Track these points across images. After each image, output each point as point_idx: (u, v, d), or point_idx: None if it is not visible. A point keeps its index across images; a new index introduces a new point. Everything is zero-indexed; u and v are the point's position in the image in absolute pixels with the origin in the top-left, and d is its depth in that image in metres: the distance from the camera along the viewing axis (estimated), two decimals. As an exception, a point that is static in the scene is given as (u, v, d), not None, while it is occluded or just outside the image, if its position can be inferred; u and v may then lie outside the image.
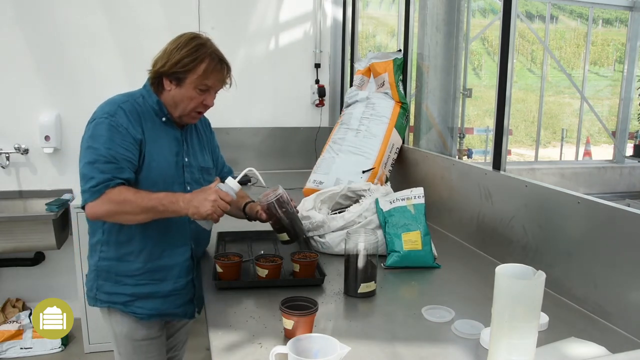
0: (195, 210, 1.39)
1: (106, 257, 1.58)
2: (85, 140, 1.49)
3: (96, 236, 1.59)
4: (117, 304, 1.60)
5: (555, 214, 1.52)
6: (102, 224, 1.56)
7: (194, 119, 1.63)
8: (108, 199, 1.41)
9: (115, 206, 1.42)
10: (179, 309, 1.67)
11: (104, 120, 1.47)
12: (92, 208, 1.43)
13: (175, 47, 1.52)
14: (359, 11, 3.44)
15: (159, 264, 1.59)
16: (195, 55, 1.50)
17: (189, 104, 1.55)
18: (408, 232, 1.67)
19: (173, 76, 1.52)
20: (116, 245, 1.56)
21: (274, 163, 3.48)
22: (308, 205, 1.86)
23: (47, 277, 3.30)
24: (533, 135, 10.06)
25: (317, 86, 3.53)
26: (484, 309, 1.11)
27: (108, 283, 1.59)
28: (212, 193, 1.40)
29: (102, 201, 1.42)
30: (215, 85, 1.56)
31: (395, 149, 2.50)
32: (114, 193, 1.41)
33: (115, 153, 1.44)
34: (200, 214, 1.39)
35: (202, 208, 1.38)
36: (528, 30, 8.04)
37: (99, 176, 1.42)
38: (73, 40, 3.14)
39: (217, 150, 1.84)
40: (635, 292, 1.24)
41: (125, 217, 1.44)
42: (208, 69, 1.52)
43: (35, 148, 3.16)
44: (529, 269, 0.98)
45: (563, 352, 1.12)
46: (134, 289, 1.59)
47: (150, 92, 1.58)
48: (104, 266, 1.58)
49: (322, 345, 1.05)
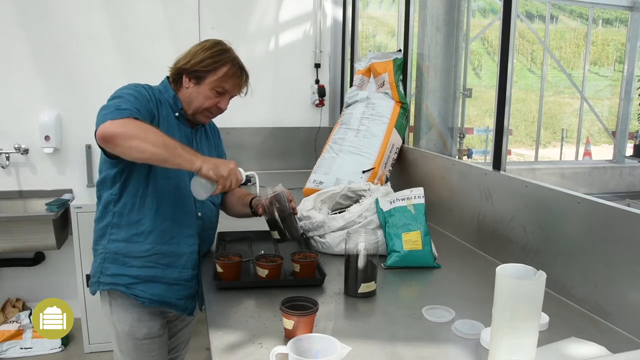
0: (212, 166, 1.40)
1: (116, 239, 1.58)
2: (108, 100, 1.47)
3: (105, 219, 1.60)
4: (119, 286, 1.59)
5: (555, 214, 1.52)
6: (113, 206, 1.57)
7: (206, 119, 1.68)
8: (130, 122, 1.36)
9: (136, 129, 1.34)
10: (180, 300, 1.66)
11: (128, 85, 1.53)
12: (114, 123, 1.33)
13: (200, 49, 1.59)
14: (359, 11, 3.44)
15: (167, 248, 1.60)
16: (218, 58, 1.57)
17: (203, 102, 1.60)
18: (408, 232, 1.67)
19: (193, 74, 1.58)
20: (127, 226, 1.57)
21: (274, 163, 3.48)
22: (308, 205, 1.86)
23: (47, 277, 3.30)
24: (533, 135, 10.06)
25: (317, 86, 3.53)
26: (484, 309, 1.12)
27: (114, 265, 1.59)
28: (232, 163, 1.45)
29: (123, 122, 1.35)
30: (232, 90, 1.62)
31: (395, 149, 2.50)
32: (137, 121, 1.38)
33: (139, 107, 1.46)
34: (217, 173, 1.40)
35: (220, 169, 1.41)
36: (528, 30, 8.04)
37: (126, 104, 1.41)
38: (73, 40, 3.14)
39: (224, 154, 1.87)
40: (635, 292, 1.24)
41: (141, 143, 1.34)
42: (228, 73, 1.59)
43: (35, 148, 3.16)
44: (529, 269, 0.98)
45: (563, 352, 1.12)
46: (139, 271, 1.59)
47: (168, 87, 1.63)
48: (112, 248, 1.59)
49: (323, 345, 1.05)
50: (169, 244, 1.60)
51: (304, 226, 1.81)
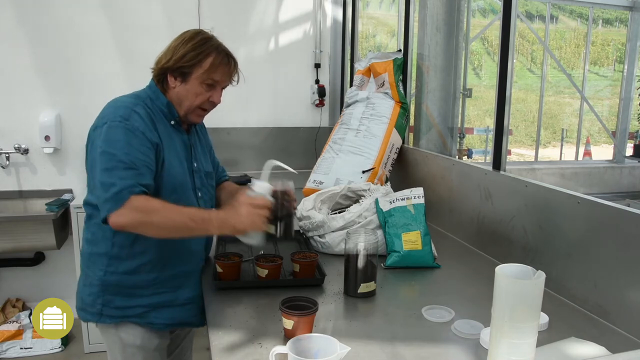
0: (233, 229, 1.31)
1: (115, 272, 1.46)
2: (99, 146, 1.35)
3: (101, 247, 1.46)
4: (131, 317, 1.48)
5: (555, 214, 1.52)
6: (112, 235, 1.43)
7: (200, 117, 1.56)
8: (134, 207, 1.29)
9: (142, 215, 1.29)
10: (195, 317, 1.59)
11: (119, 124, 1.36)
12: (118, 217, 1.28)
13: (180, 42, 1.47)
14: (359, 11, 3.44)
15: (175, 270, 1.51)
16: (201, 49, 1.45)
17: (194, 100, 1.49)
18: (408, 232, 1.67)
19: (178, 71, 1.46)
20: (129, 258, 1.45)
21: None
22: (308, 205, 1.86)
23: (47, 277, 3.30)
24: (533, 135, 10.07)
25: (317, 86, 3.53)
26: (484, 309, 1.11)
27: (118, 297, 1.47)
28: (243, 205, 1.31)
29: (127, 209, 1.28)
30: (223, 80, 1.50)
31: (395, 149, 2.50)
32: (139, 201, 1.30)
33: (135, 158, 1.34)
34: (239, 230, 1.32)
35: (239, 224, 1.30)
36: (528, 30, 8.04)
37: (121, 182, 1.30)
38: (73, 40, 3.14)
39: (212, 150, 1.78)
40: (635, 292, 1.24)
41: (151, 229, 1.32)
42: (215, 63, 1.46)
43: (35, 148, 3.16)
44: (528, 269, 0.98)
45: (563, 352, 1.12)
46: (150, 300, 1.48)
47: (158, 93, 1.50)
48: (112, 280, 1.46)
49: (322, 345, 1.05)
50: (177, 265, 1.51)
51: (303, 226, 1.81)
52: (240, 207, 1.32)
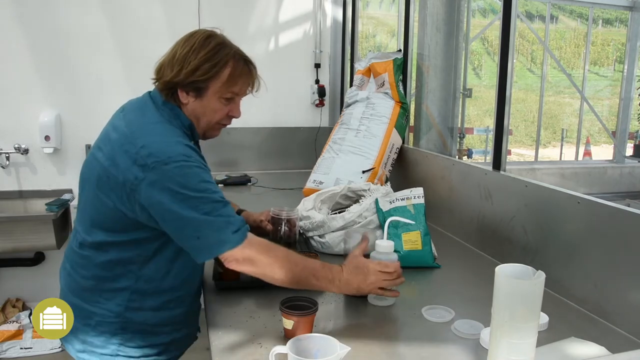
0: (356, 292, 1.28)
1: (140, 308, 1.28)
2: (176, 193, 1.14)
3: (121, 282, 1.27)
4: (150, 356, 1.34)
5: (555, 214, 1.52)
6: (139, 268, 1.26)
7: (218, 131, 1.39)
8: (252, 243, 1.20)
9: (262, 251, 1.21)
10: None
11: (185, 163, 1.17)
12: (243, 251, 1.18)
13: (189, 51, 1.25)
14: (359, 11, 3.44)
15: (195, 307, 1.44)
16: (216, 59, 1.25)
17: (213, 117, 1.31)
18: (408, 232, 1.67)
19: (191, 86, 1.26)
20: (157, 294, 1.30)
21: (274, 163, 3.47)
22: (308, 205, 1.86)
23: (47, 277, 3.29)
24: (533, 135, 10.07)
25: (317, 86, 3.53)
26: (484, 309, 1.11)
27: (138, 335, 1.30)
28: (371, 273, 1.26)
29: (248, 244, 1.19)
30: (242, 91, 1.34)
31: (395, 149, 2.50)
32: (254, 238, 1.21)
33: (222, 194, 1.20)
34: (362, 290, 1.28)
35: (365, 288, 1.27)
36: (528, 30, 8.04)
37: (234, 220, 1.17)
38: (73, 40, 3.13)
39: None
40: (635, 292, 1.24)
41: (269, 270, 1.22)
42: (234, 74, 1.28)
43: (35, 148, 3.15)
44: (528, 269, 0.98)
45: (563, 352, 1.12)
46: (172, 335, 1.36)
47: (179, 113, 1.29)
48: (135, 318, 1.29)
49: (322, 345, 1.05)
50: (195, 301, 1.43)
51: (303, 226, 1.81)
52: (369, 274, 1.26)
